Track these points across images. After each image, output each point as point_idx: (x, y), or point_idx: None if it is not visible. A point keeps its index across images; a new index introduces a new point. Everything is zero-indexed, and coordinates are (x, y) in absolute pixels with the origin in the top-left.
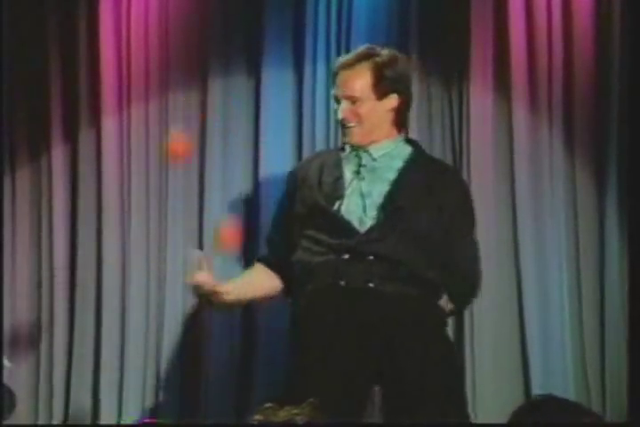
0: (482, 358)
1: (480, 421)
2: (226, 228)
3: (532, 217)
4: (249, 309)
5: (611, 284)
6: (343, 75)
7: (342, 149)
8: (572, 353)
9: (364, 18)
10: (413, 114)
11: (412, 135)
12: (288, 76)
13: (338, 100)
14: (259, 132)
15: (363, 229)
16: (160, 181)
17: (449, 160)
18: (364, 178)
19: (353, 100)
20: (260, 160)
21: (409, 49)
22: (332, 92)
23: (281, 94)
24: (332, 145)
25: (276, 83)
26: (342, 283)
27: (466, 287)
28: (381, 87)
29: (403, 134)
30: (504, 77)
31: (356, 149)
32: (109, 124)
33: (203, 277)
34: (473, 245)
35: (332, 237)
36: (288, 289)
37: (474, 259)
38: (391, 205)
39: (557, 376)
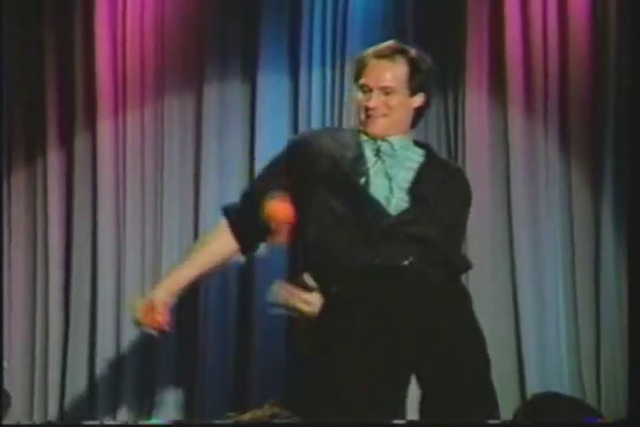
0: None
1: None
2: (274, 202)
3: (528, 220)
4: (245, 308)
5: (606, 285)
6: (379, 64)
7: (353, 132)
8: (567, 353)
9: (359, 22)
10: None
11: None
12: (283, 81)
13: (365, 90)
14: (254, 135)
15: (392, 209)
16: (155, 184)
17: None
18: (384, 161)
19: (387, 91)
20: (256, 164)
21: None
22: (361, 80)
23: (276, 98)
24: None
25: (272, 87)
26: (379, 259)
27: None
28: (414, 83)
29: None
30: (500, 81)
31: (374, 137)
32: (105, 127)
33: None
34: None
35: (359, 213)
36: (243, 248)
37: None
38: (418, 192)
39: (553, 376)
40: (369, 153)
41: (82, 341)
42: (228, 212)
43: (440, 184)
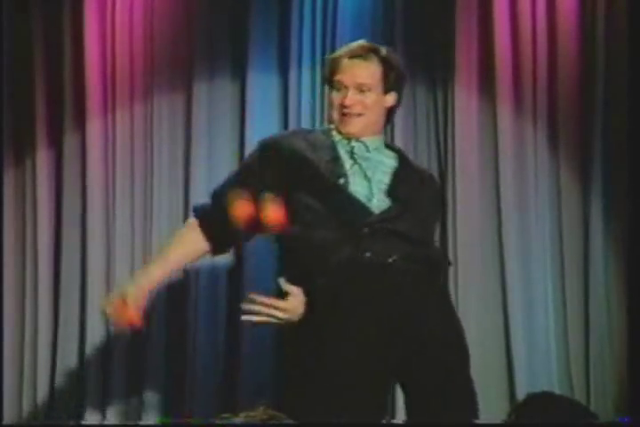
0: None
1: None
2: (269, 206)
3: (517, 217)
4: (234, 308)
5: (595, 281)
6: (353, 62)
7: (325, 132)
8: (556, 351)
9: (348, 21)
10: (399, 116)
11: (398, 137)
12: (273, 80)
13: (339, 87)
14: (244, 135)
15: (373, 208)
16: (145, 184)
17: (434, 162)
18: (360, 164)
19: (362, 89)
20: None
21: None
22: (335, 77)
23: (266, 97)
24: None
25: (261, 86)
26: (367, 255)
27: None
28: (388, 81)
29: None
30: (489, 80)
31: (348, 138)
32: (94, 127)
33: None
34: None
35: (340, 212)
36: (214, 249)
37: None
38: (395, 193)
39: (541, 374)
40: (344, 154)
41: (71, 340)
42: (199, 212)
43: (417, 187)
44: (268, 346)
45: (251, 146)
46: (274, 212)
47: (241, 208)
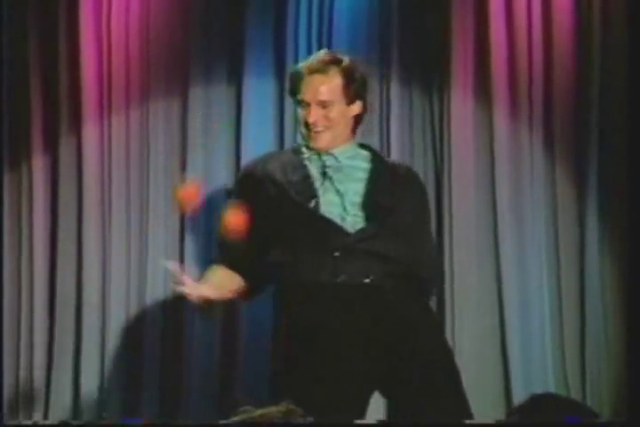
0: (461, 355)
1: None
2: (231, 214)
3: (513, 219)
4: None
5: (591, 284)
6: (313, 79)
7: (296, 151)
8: (551, 351)
9: (345, 25)
10: (394, 121)
11: (394, 141)
12: (269, 84)
13: (302, 105)
14: (240, 139)
15: (348, 227)
16: (141, 188)
17: (430, 164)
18: (331, 177)
19: (324, 105)
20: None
21: (390, 56)
22: (298, 96)
23: (262, 102)
24: None
25: (258, 90)
26: (340, 279)
27: (436, 276)
28: (350, 92)
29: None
30: (485, 82)
31: (318, 152)
32: (90, 131)
33: (189, 289)
34: (432, 238)
35: (314, 235)
36: (249, 290)
37: (435, 251)
38: (372, 204)
39: (537, 373)
40: (314, 172)
41: (67, 341)
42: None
43: (393, 191)
44: (266, 347)
45: (247, 151)
46: (234, 217)
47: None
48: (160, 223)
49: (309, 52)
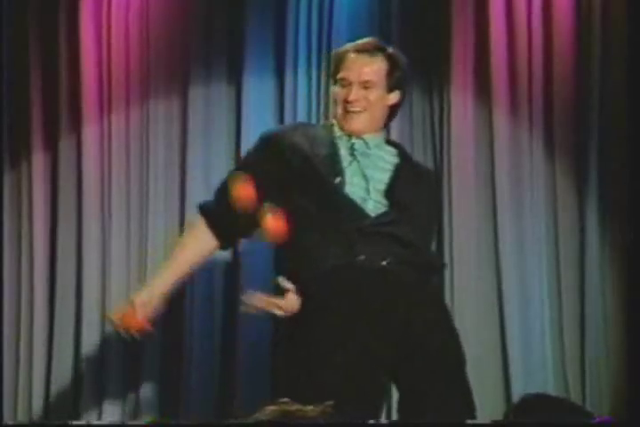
0: None
1: None
2: (271, 216)
3: (513, 218)
4: (230, 308)
5: (591, 282)
6: (359, 59)
7: (327, 127)
8: (551, 350)
9: (344, 24)
10: (394, 120)
11: (393, 138)
12: (269, 83)
13: (344, 84)
14: (240, 136)
15: (369, 210)
16: (141, 187)
17: (430, 162)
18: (359, 161)
19: (367, 86)
20: None
21: None
22: (340, 74)
23: (262, 101)
24: None
25: (258, 89)
26: (361, 257)
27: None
28: (393, 79)
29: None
30: (485, 81)
31: (349, 135)
32: (90, 130)
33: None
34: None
35: (334, 211)
36: (222, 244)
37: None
38: (394, 194)
39: (537, 373)
40: (344, 151)
41: (67, 340)
42: (204, 209)
43: (414, 186)
44: (266, 346)
45: (247, 147)
46: (274, 222)
47: (240, 189)
48: (160, 223)
49: (309, 52)
